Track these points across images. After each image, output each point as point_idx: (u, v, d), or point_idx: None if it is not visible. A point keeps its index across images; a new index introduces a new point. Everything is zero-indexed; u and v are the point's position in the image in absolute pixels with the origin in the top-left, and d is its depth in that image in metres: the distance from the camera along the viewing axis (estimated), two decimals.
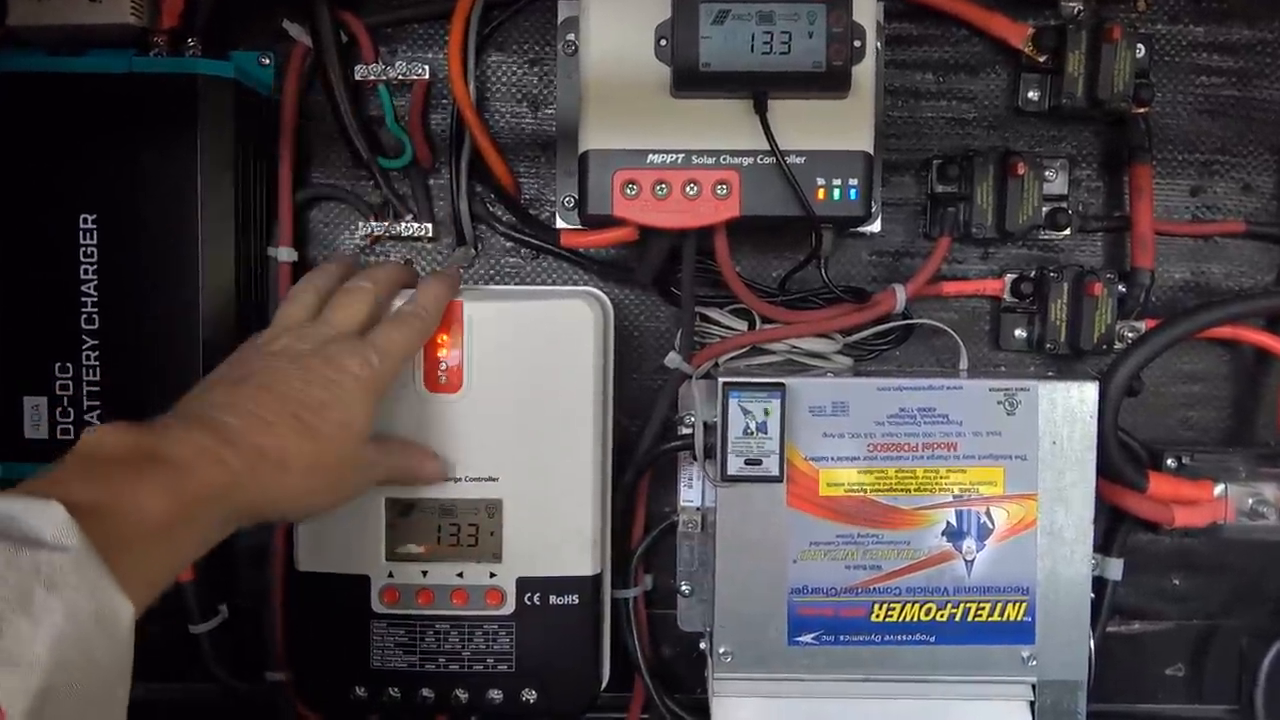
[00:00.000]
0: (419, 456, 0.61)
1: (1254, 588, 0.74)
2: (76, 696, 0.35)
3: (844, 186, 0.60)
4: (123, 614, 0.37)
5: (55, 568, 0.35)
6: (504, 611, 0.63)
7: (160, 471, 0.43)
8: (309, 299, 0.58)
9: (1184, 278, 0.72)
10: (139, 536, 0.41)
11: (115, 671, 0.37)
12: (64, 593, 0.35)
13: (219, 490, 0.45)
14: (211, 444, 0.46)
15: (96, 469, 0.43)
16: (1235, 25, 0.71)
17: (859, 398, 0.61)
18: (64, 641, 0.34)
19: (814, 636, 0.62)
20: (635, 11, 0.59)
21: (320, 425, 0.51)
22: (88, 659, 0.35)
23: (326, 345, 0.54)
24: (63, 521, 0.37)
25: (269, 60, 0.69)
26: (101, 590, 0.37)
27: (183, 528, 0.43)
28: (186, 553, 0.45)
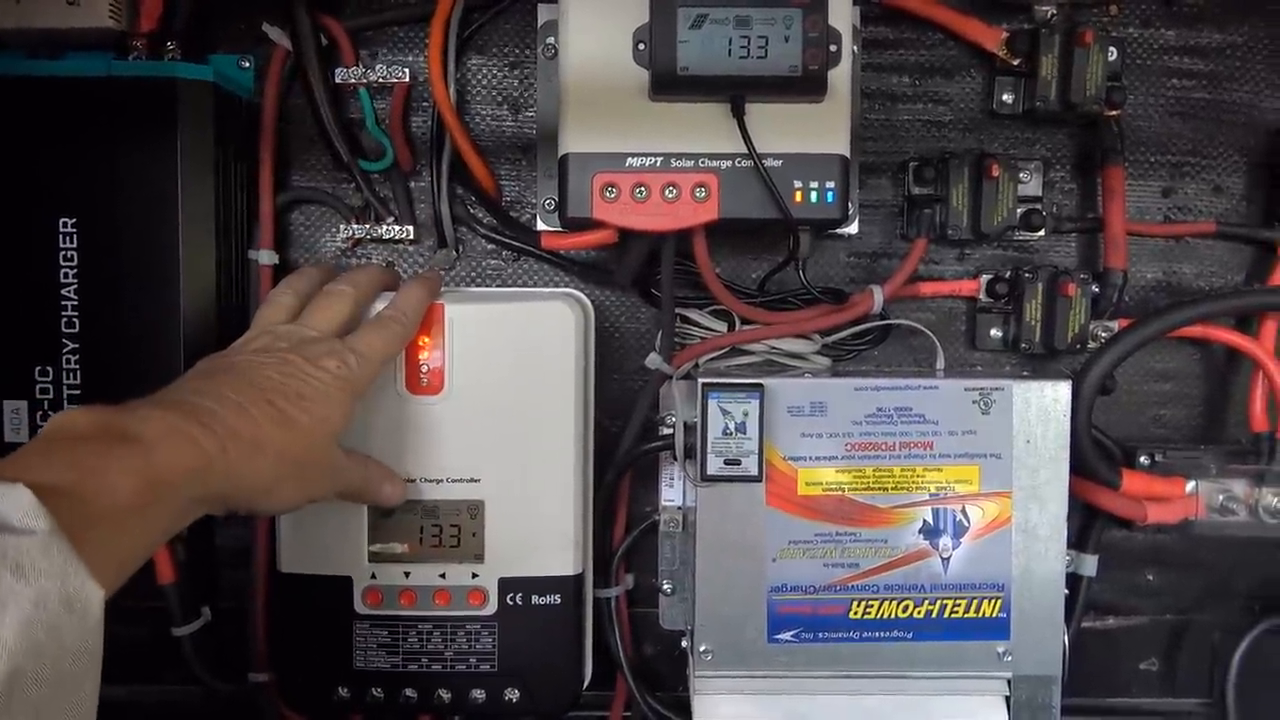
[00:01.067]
0: (381, 476, 0.60)
1: (1225, 583, 0.75)
2: (47, 682, 0.35)
3: (821, 189, 0.61)
4: (92, 598, 0.37)
5: (22, 552, 0.35)
6: (486, 612, 0.64)
7: (129, 450, 0.43)
8: (288, 301, 0.58)
9: (1156, 277, 0.73)
10: (107, 516, 0.40)
11: (86, 655, 0.37)
12: (32, 577, 0.34)
13: (190, 471, 0.45)
14: (183, 424, 0.45)
15: (64, 449, 0.42)
16: (1205, 29, 0.72)
17: (837, 398, 0.62)
18: (33, 626, 0.34)
19: (793, 634, 0.63)
20: (614, 16, 0.60)
21: (296, 415, 0.50)
22: (57, 644, 0.35)
23: (305, 345, 0.54)
24: (29, 504, 0.36)
25: (249, 63, 0.69)
26: (70, 574, 0.36)
27: (153, 507, 0.43)
28: (157, 533, 0.44)
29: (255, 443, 0.48)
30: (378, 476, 0.60)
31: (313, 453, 0.52)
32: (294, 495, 0.52)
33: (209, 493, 0.46)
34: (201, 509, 0.47)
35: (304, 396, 0.51)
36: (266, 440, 0.49)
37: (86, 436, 0.43)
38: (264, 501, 0.51)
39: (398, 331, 0.58)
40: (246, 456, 0.48)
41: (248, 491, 0.49)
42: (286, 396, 0.51)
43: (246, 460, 0.48)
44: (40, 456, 0.41)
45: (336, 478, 0.56)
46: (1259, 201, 0.73)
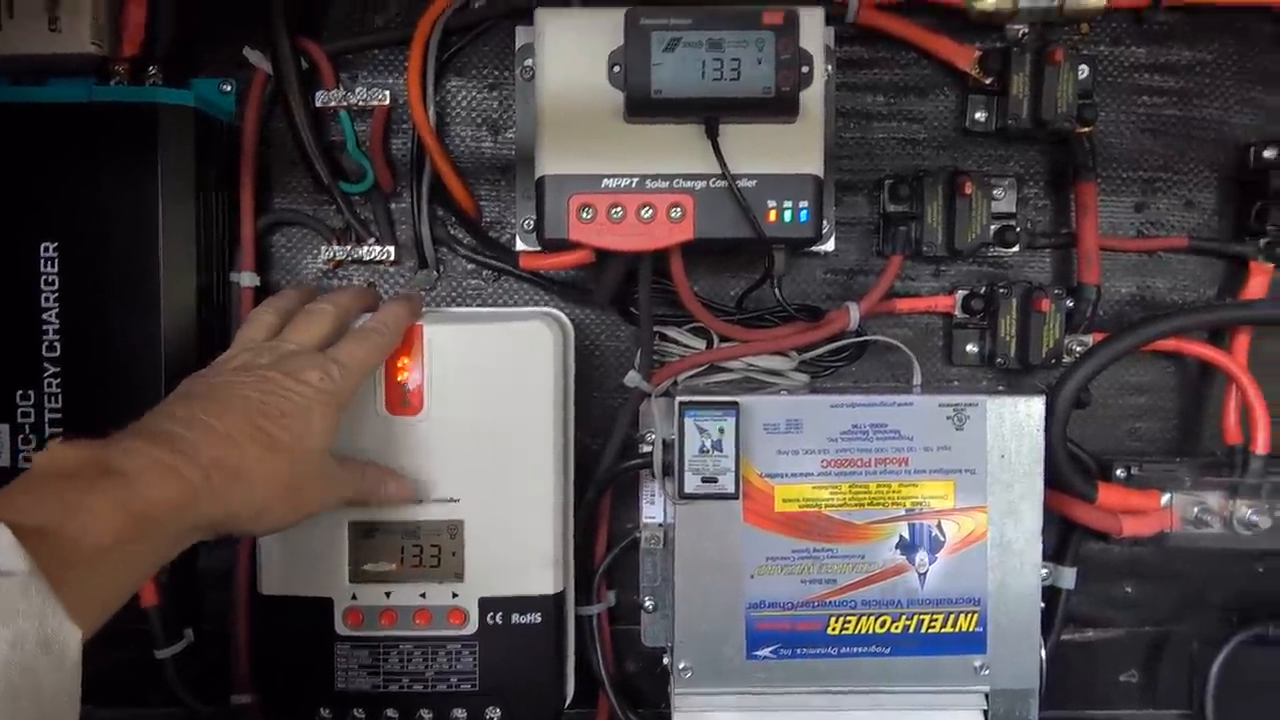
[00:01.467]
0: (384, 478, 0.61)
1: (1202, 595, 0.75)
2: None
3: (795, 209, 0.62)
4: (70, 639, 0.36)
5: (1, 593, 0.35)
6: (467, 631, 0.64)
7: (112, 486, 0.43)
8: (269, 319, 0.58)
9: (1130, 292, 0.74)
10: (90, 554, 0.40)
11: (64, 696, 0.36)
12: (9, 619, 0.34)
13: (173, 505, 0.44)
14: (166, 457, 0.45)
15: (48, 486, 0.42)
16: (1176, 47, 0.73)
17: (812, 415, 0.63)
18: (9, 669, 0.34)
19: (772, 650, 0.63)
20: (589, 39, 0.61)
21: (279, 435, 0.50)
22: (34, 686, 0.35)
23: (285, 360, 0.54)
24: (8, 545, 0.36)
25: (230, 87, 0.70)
26: (48, 615, 0.36)
27: (137, 543, 0.43)
28: (142, 567, 0.44)
29: (239, 469, 0.48)
30: (375, 479, 0.60)
31: (300, 470, 0.52)
32: (286, 514, 0.52)
33: (197, 523, 0.46)
34: (191, 538, 0.47)
35: (286, 414, 0.51)
36: (250, 465, 0.49)
37: (70, 474, 0.43)
38: (255, 524, 0.51)
39: (378, 342, 0.58)
40: (231, 483, 0.47)
41: (236, 517, 0.49)
42: (268, 416, 0.50)
43: (231, 487, 0.47)
44: (25, 494, 0.41)
45: (334, 489, 0.56)
46: (1230, 216, 0.73)
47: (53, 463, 0.44)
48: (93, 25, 0.63)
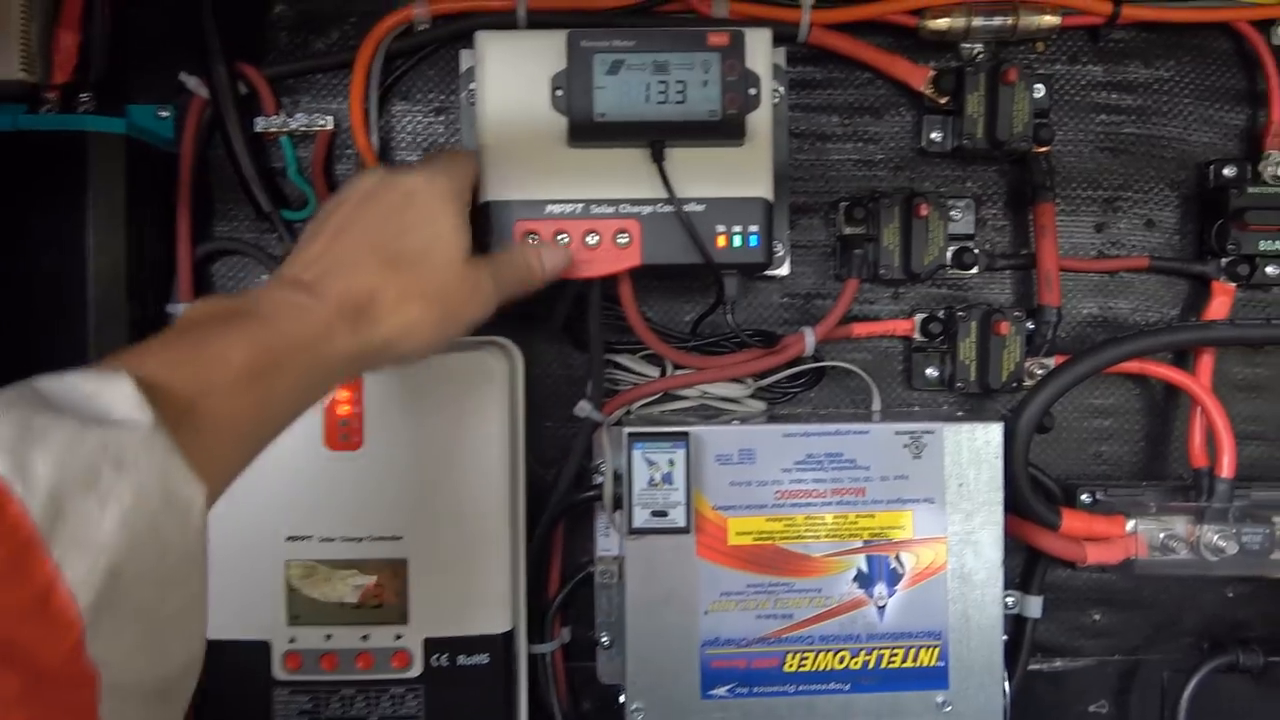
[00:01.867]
0: (530, 258, 0.57)
1: (1172, 622, 0.74)
2: (150, 579, 0.33)
3: (744, 233, 0.60)
4: (195, 497, 0.35)
5: (123, 446, 0.33)
6: (411, 674, 0.62)
7: (243, 322, 0.42)
8: None
9: (1091, 313, 0.73)
10: (221, 391, 0.39)
11: (189, 557, 0.35)
12: (132, 473, 0.33)
13: (306, 339, 0.44)
14: (294, 296, 0.45)
15: (183, 332, 0.42)
16: (1133, 64, 0.72)
17: (766, 445, 0.61)
18: (134, 523, 0.33)
19: (728, 689, 0.61)
20: (530, 62, 0.59)
21: (403, 255, 0.48)
22: (159, 541, 0.34)
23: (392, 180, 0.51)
24: (131, 397, 0.35)
25: (168, 113, 0.68)
26: (172, 471, 0.35)
27: (272, 374, 0.41)
28: (275, 411, 0.43)
29: (370, 299, 0.47)
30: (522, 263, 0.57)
31: (437, 282, 0.49)
32: (434, 332, 0.49)
33: (337, 360, 0.45)
34: (333, 380, 0.46)
35: (406, 229, 0.49)
36: (380, 290, 0.47)
37: (203, 320, 0.43)
38: (402, 348, 0.48)
39: (465, 160, 0.56)
40: (363, 313, 0.46)
41: (382, 346, 0.47)
42: (387, 238, 0.49)
43: (367, 317, 0.46)
44: (160, 346, 0.41)
45: (477, 293, 0.52)
46: (1191, 235, 0.72)
47: (190, 314, 0.44)
48: (22, 52, 0.61)
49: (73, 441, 0.32)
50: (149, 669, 0.34)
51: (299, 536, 0.61)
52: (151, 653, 0.34)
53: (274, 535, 0.61)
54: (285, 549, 0.61)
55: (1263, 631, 0.73)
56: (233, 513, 0.59)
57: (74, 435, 0.32)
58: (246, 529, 0.61)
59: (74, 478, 0.32)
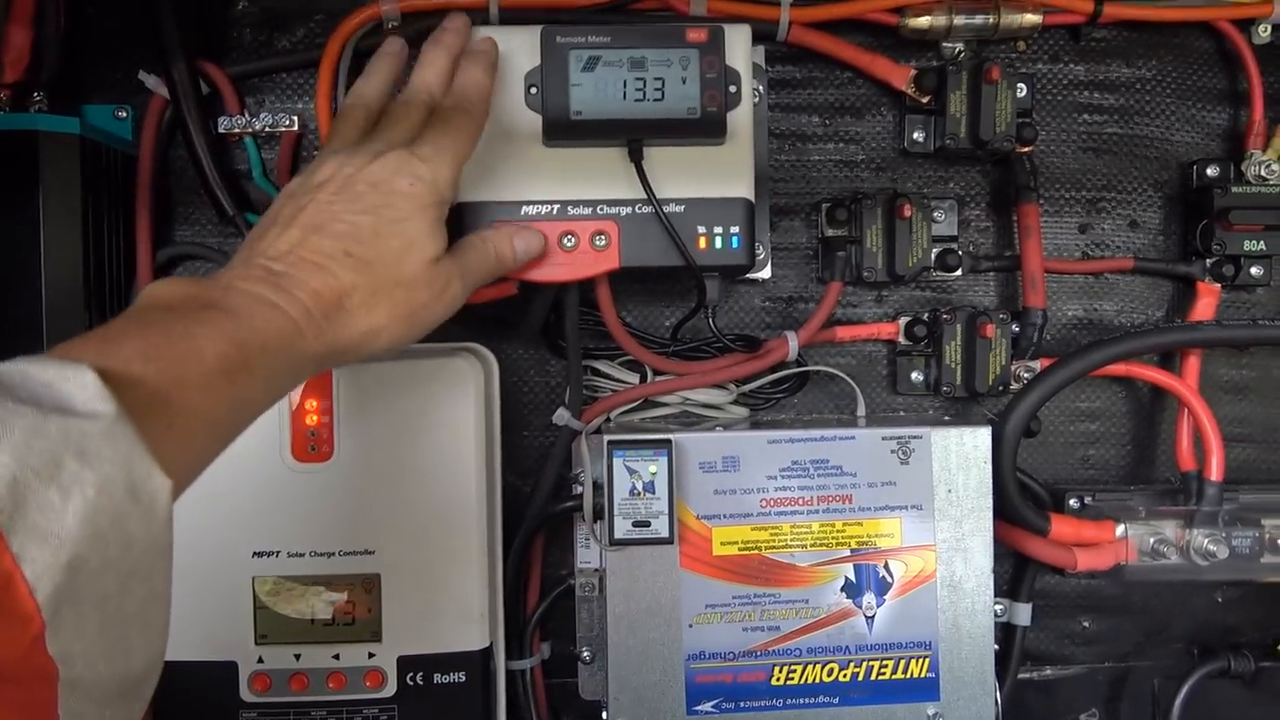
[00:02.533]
0: (503, 244, 0.55)
1: (1163, 628, 0.73)
2: (113, 573, 0.32)
3: (725, 234, 0.58)
4: (160, 489, 0.34)
5: (86, 437, 0.32)
6: (384, 694, 0.59)
7: (215, 317, 0.41)
8: (359, 115, 0.53)
9: (1077, 315, 0.72)
10: (192, 385, 0.38)
11: (154, 549, 0.34)
12: (95, 463, 0.32)
13: (278, 339, 0.43)
14: (266, 293, 0.44)
15: (150, 316, 0.41)
16: (1115, 64, 0.71)
17: (750, 452, 0.59)
18: (97, 514, 0.32)
19: (713, 704, 0.59)
20: (504, 59, 0.57)
21: (374, 257, 0.47)
22: (123, 534, 0.33)
23: (372, 166, 0.49)
24: (94, 388, 0.33)
25: (126, 113, 0.66)
26: (135, 463, 0.34)
27: (242, 373, 0.41)
28: (243, 407, 0.42)
29: (338, 300, 0.46)
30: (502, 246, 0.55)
31: (405, 285, 0.48)
32: (401, 334, 0.49)
33: (304, 360, 0.45)
34: (299, 378, 0.46)
35: (379, 233, 0.48)
36: (349, 293, 0.46)
37: (171, 306, 0.42)
38: (369, 350, 0.48)
39: (465, 124, 0.53)
40: (333, 315, 0.46)
41: (344, 349, 0.47)
42: (360, 240, 0.47)
43: (333, 319, 0.46)
44: (125, 330, 0.39)
45: (445, 293, 0.51)
46: (1175, 235, 0.72)
47: (154, 297, 0.43)
48: None
49: (33, 431, 0.31)
50: (110, 666, 0.33)
51: (266, 552, 0.59)
52: (113, 649, 0.33)
53: (240, 551, 0.59)
54: (252, 565, 0.59)
55: (1253, 636, 0.72)
56: (196, 528, 0.57)
57: (34, 425, 0.31)
58: (211, 545, 0.58)
59: (34, 468, 0.31)
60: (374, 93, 0.55)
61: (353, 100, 0.54)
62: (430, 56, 0.55)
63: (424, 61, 0.55)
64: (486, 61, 0.56)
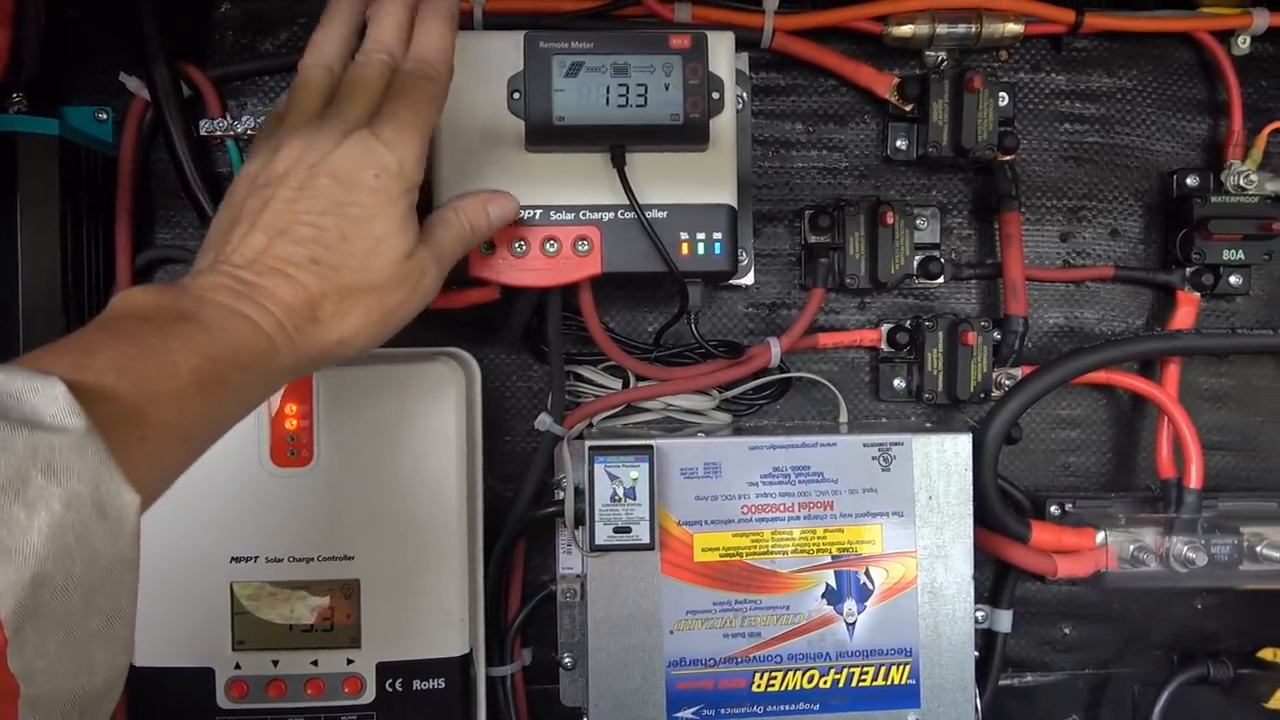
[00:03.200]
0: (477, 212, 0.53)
1: (1143, 634, 0.73)
2: (78, 589, 0.32)
3: (708, 240, 0.58)
4: (128, 504, 0.34)
5: (54, 451, 0.32)
6: (363, 701, 0.59)
7: (190, 330, 0.41)
8: (320, 81, 0.49)
9: (1058, 323, 0.72)
10: (165, 399, 0.38)
11: (120, 565, 0.34)
12: (63, 479, 0.32)
13: (251, 353, 0.42)
14: (240, 306, 0.43)
15: (123, 326, 0.40)
16: (1095, 73, 0.72)
17: (731, 458, 0.59)
18: (62, 531, 0.31)
19: (694, 711, 0.59)
20: (487, 63, 0.57)
21: (340, 263, 0.46)
22: (89, 551, 0.32)
23: (334, 155, 0.46)
24: (64, 401, 0.33)
25: (106, 115, 0.65)
26: (105, 478, 0.33)
27: (215, 386, 0.40)
28: (220, 415, 0.42)
29: (309, 311, 0.45)
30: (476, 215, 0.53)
31: (378, 286, 0.47)
32: (375, 335, 0.48)
33: (278, 371, 0.44)
34: (272, 390, 0.45)
35: (346, 236, 0.46)
36: (320, 302, 0.45)
37: (146, 316, 0.41)
38: (343, 355, 0.47)
39: (428, 90, 0.49)
40: (306, 326, 0.45)
41: (323, 354, 0.46)
42: (328, 245, 0.45)
43: (306, 331, 0.45)
44: (101, 333, 0.39)
45: (425, 276, 0.49)
46: (1155, 244, 0.72)
47: (128, 305, 0.41)
48: None
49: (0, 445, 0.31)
50: (72, 682, 0.32)
51: (244, 557, 0.58)
52: (76, 665, 0.33)
53: (217, 556, 0.58)
54: (229, 570, 0.58)
55: (1232, 643, 0.73)
56: (174, 532, 0.57)
57: (1, 438, 0.31)
58: (188, 550, 0.58)
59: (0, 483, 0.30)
60: (335, 50, 0.50)
61: (311, 60, 0.50)
62: (385, 8, 0.50)
63: (378, 15, 0.50)
64: (446, 11, 0.51)
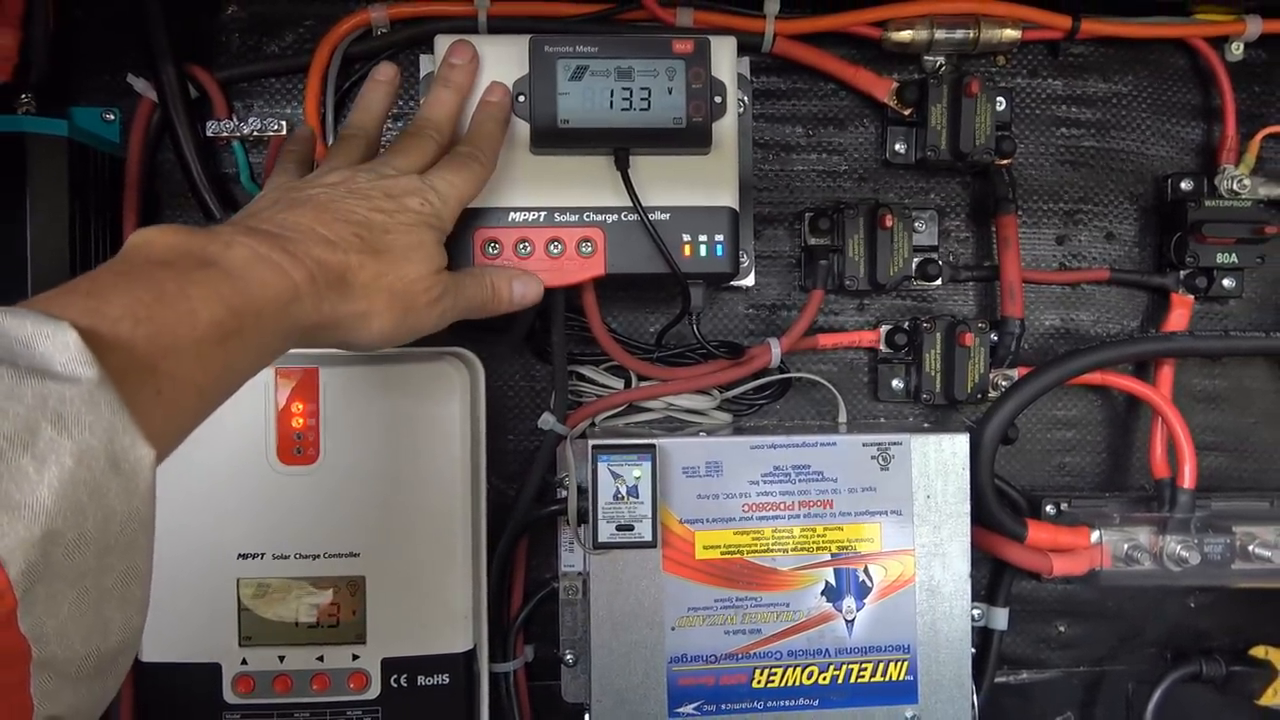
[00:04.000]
0: (501, 284, 0.55)
1: (1136, 632, 0.74)
2: (91, 547, 0.30)
3: (710, 242, 0.59)
4: (143, 459, 0.32)
5: (64, 401, 0.30)
6: (368, 696, 0.60)
7: (211, 277, 0.39)
8: (357, 145, 0.53)
9: (1054, 324, 0.73)
10: (183, 350, 0.36)
11: (135, 523, 0.32)
12: (74, 431, 0.30)
13: (276, 301, 0.41)
14: (269, 252, 0.42)
15: (141, 272, 0.38)
16: (1092, 79, 0.73)
17: (732, 457, 0.60)
18: (75, 486, 0.30)
19: (695, 707, 0.60)
20: (493, 67, 0.58)
21: (383, 247, 0.47)
22: (102, 507, 0.31)
23: (384, 181, 0.50)
24: (74, 349, 0.31)
25: (114, 116, 0.66)
26: (118, 432, 0.31)
27: (235, 338, 0.39)
28: (236, 372, 0.40)
29: (343, 274, 0.45)
30: (494, 286, 0.55)
31: (406, 283, 0.48)
32: (392, 328, 0.48)
33: (296, 326, 0.43)
34: (287, 346, 0.43)
35: (390, 231, 0.48)
36: (355, 270, 0.45)
37: (166, 260, 0.39)
38: (359, 333, 0.47)
39: (478, 171, 0.53)
40: (334, 287, 0.44)
41: (338, 324, 0.45)
42: (372, 229, 0.47)
43: (334, 291, 0.44)
44: (117, 276, 0.37)
45: (443, 301, 0.51)
46: (1150, 247, 0.73)
47: (146, 247, 0.39)
48: None
49: (7, 394, 0.29)
50: (86, 644, 0.31)
51: (251, 554, 0.59)
52: (90, 627, 0.31)
53: (224, 553, 0.59)
54: (236, 567, 0.59)
55: (1225, 641, 0.74)
56: (181, 529, 0.58)
57: (8, 387, 0.29)
58: (195, 546, 0.59)
59: (7, 435, 0.29)
60: (372, 121, 0.55)
61: (351, 129, 0.55)
62: (440, 96, 0.56)
63: (433, 99, 0.56)
64: (502, 115, 0.57)
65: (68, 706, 0.31)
